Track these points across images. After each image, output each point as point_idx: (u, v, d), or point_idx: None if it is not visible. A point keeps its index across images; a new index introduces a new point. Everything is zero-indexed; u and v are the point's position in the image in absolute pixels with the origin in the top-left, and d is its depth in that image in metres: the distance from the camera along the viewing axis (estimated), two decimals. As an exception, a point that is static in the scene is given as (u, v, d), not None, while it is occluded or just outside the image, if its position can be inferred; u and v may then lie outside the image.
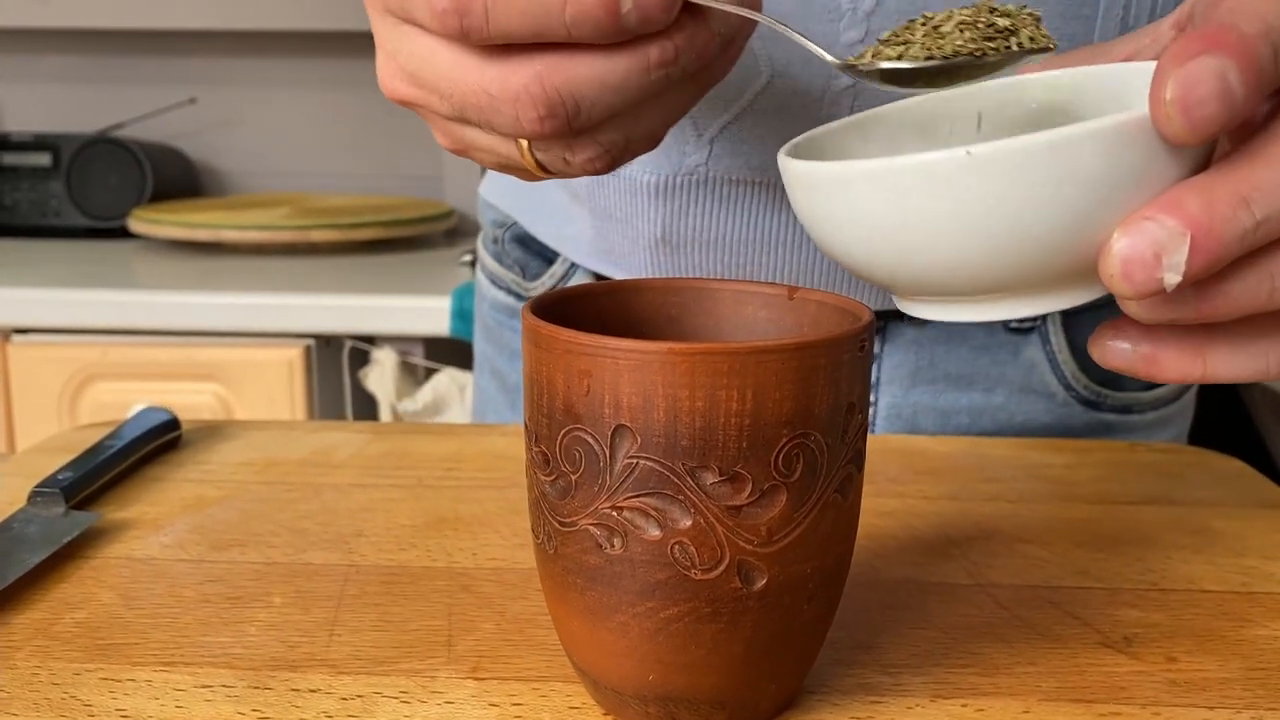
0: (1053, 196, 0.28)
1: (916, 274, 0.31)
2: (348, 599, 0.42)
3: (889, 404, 0.61)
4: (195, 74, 1.69)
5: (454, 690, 0.35)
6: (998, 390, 0.61)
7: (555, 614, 0.34)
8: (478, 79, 0.32)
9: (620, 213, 0.58)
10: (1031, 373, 0.61)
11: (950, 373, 0.61)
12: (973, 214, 0.28)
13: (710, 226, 0.56)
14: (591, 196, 0.59)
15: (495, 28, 0.30)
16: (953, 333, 0.61)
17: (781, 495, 0.30)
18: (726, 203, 0.55)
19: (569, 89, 0.31)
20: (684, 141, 0.54)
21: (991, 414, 0.62)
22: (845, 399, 0.31)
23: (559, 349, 0.31)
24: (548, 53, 0.31)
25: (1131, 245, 0.27)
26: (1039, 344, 0.61)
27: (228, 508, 0.50)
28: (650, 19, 0.30)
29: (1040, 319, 0.61)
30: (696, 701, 0.32)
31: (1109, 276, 0.28)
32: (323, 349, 1.26)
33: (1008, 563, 0.45)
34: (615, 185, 0.57)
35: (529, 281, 0.67)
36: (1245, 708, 0.35)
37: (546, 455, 0.32)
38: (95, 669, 0.36)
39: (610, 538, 0.31)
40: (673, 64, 0.31)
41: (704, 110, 0.52)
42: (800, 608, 0.32)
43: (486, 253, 0.71)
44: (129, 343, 1.24)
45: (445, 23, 0.31)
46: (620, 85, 0.31)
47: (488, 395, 0.72)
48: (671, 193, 0.55)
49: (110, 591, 0.42)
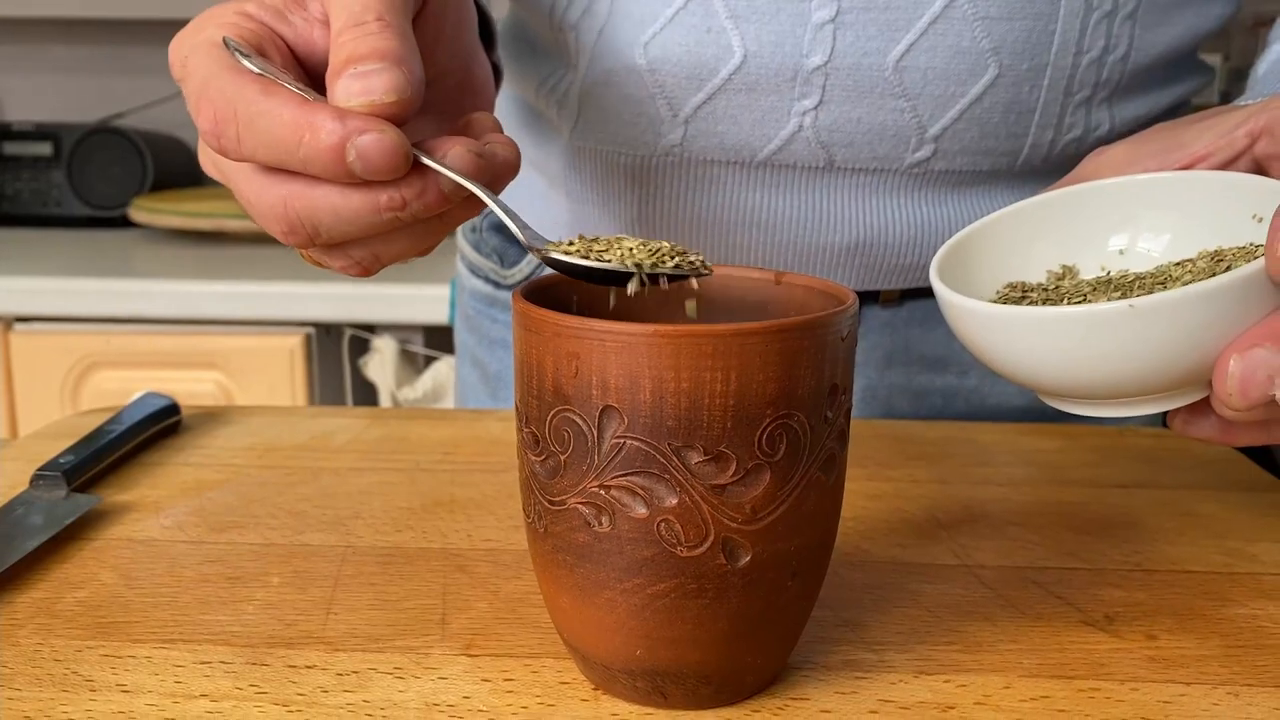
0: (1194, 334, 0.33)
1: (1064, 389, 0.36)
2: (344, 579, 0.42)
3: (864, 386, 0.62)
4: (196, 64, 1.69)
5: (447, 666, 0.36)
6: (971, 372, 0.62)
7: (545, 591, 0.35)
8: (245, 185, 0.36)
9: (596, 195, 0.58)
10: None
11: (924, 355, 0.61)
12: (1126, 352, 0.34)
13: (686, 207, 0.56)
14: (566, 180, 0.59)
15: (245, 151, 0.34)
16: (926, 316, 0.61)
17: (765, 474, 0.31)
18: (702, 183, 0.56)
19: (308, 214, 0.35)
20: (658, 122, 0.54)
21: (965, 396, 0.62)
22: (829, 380, 0.32)
23: (548, 332, 0.31)
24: (296, 180, 0.35)
25: (1247, 368, 0.33)
26: None
27: (227, 491, 0.51)
28: (375, 170, 0.33)
29: None
30: (683, 676, 0.33)
31: (1226, 393, 0.33)
32: (323, 337, 1.27)
33: (995, 544, 0.46)
34: (591, 168, 0.58)
35: (507, 269, 0.67)
36: (1221, 683, 0.36)
37: (536, 436, 0.32)
38: (96, 646, 0.37)
39: (598, 516, 0.31)
40: (401, 209, 0.34)
41: (678, 90, 0.53)
42: (784, 584, 0.32)
43: (465, 242, 0.71)
44: (131, 331, 1.25)
45: (207, 140, 0.35)
46: (353, 219, 0.35)
47: (469, 384, 0.73)
48: (647, 174, 0.56)
49: (111, 572, 0.43)
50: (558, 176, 0.60)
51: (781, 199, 0.55)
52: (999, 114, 0.53)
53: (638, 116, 0.54)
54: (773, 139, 0.53)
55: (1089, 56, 0.52)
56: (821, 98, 0.52)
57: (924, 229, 0.57)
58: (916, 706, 0.34)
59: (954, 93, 0.52)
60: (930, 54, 0.51)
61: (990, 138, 0.54)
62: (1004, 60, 0.51)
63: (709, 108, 0.53)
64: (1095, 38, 0.52)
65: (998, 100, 0.52)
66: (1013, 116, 0.53)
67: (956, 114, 0.52)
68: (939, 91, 0.52)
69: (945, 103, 0.52)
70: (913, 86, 0.51)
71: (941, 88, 0.51)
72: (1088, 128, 0.55)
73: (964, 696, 0.35)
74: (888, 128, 0.53)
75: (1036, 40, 0.51)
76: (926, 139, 0.53)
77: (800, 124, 0.52)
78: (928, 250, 0.57)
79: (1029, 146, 0.54)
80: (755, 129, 0.53)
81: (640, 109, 0.54)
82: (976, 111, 0.52)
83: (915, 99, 0.52)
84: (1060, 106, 0.53)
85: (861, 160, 0.54)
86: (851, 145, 0.53)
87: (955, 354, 0.62)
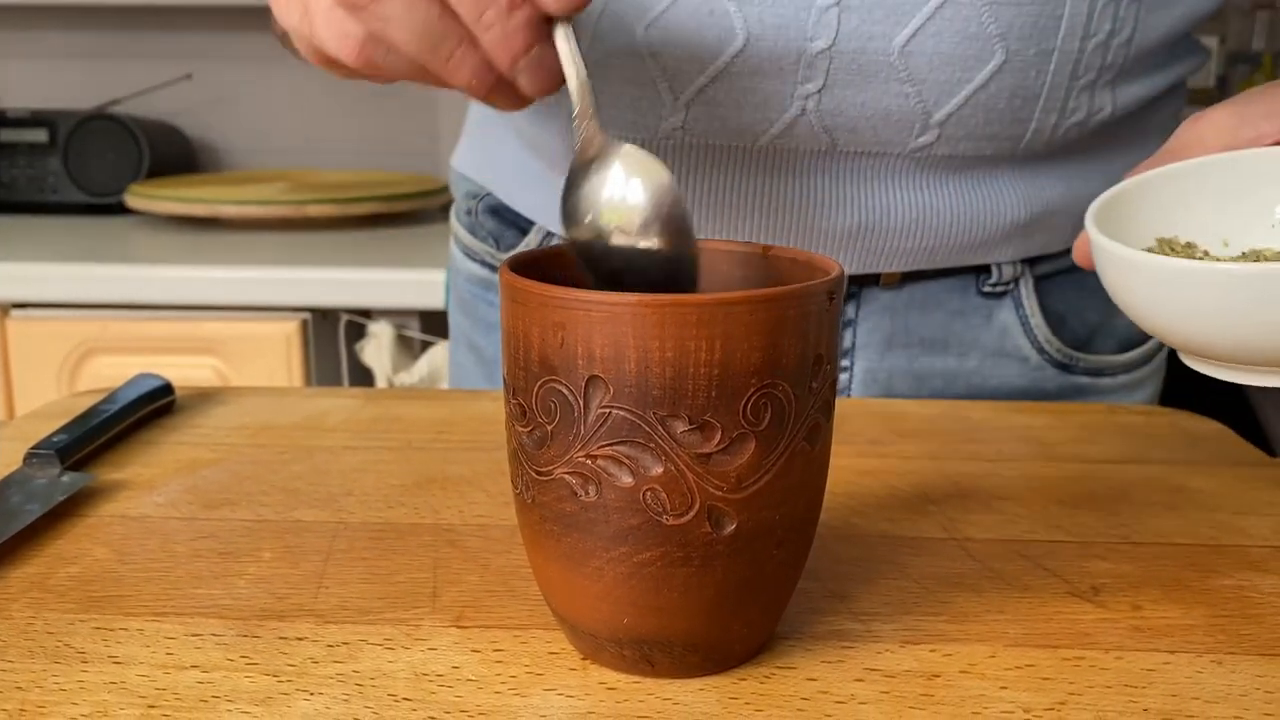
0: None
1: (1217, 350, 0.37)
2: (336, 554, 0.43)
3: (864, 369, 0.62)
4: (191, 50, 1.69)
5: (437, 637, 0.36)
6: (971, 354, 0.62)
7: (534, 562, 0.35)
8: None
9: None
10: (1005, 337, 0.62)
11: (925, 337, 0.62)
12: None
13: (688, 190, 0.56)
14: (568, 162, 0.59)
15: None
16: (927, 298, 0.61)
17: (750, 443, 0.31)
18: (703, 166, 0.56)
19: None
20: (660, 105, 0.54)
21: (966, 378, 0.62)
22: (813, 350, 0.32)
23: (534, 303, 0.31)
24: None
25: None
26: (1012, 308, 0.61)
27: (220, 469, 0.51)
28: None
29: (1012, 282, 0.61)
30: (670, 644, 0.33)
31: None
32: (319, 322, 1.27)
33: (983, 519, 0.46)
34: None
35: (503, 252, 0.67)
36: (1206, 651, 0.36)
37: (523, 407, 0.33)
38: (88, 619, 0.37)
39: (585, 485, 0.32)
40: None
41: (680, 73, 0.53)
42: (769, 553, 0.33)
43: (460, 225, 0.70)
44: (127, 317, 1.25)
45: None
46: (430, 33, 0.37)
47: (464, 369, 0.72)
48: None
49: (104, 547, 0.43)
50: (559, 159, 0.60)
51: (783, 182, 0.55)
52: (1004, 99, 0.53)
53: (639, 99, 0.54)
54: (775, 122, 0.53)
55: (1095, 40, 0.52)
56: (825, 81, 0.52)
57: (925, 212, 0.57)
58: (902, 675, 0.34)
59: (960, 78, 0.51)
60: (937, 38, 0.50)
61: (995, 123, 0.54)
62: (1011, 45, 0.51)
63: (711, 91, 0.53)
64: (1102, 21, 0.52)
65: (1004, 85, 0.52)
66: (1018, 101, 0.53)
67: (962, 99, 0.52)
68: (945, 76, 0.51)
69: (951, 88, 0.52)
70: (918, 71, 0.51)
71: (947, 73, 0.51)
72: (1090, 111, 0.55)
73: (949, 665, 0.35)
74: (892, 112, 0.53)
75: (1044, 25, 0.51)
76: (931, 124, 0.53)
77: (803, 108, 0.52)
78: (928, 233, 0.57)
79: (1032, 131, 0.54)
80: (758, 112, 0.53)
81: (642, 92, 0.54)
82: (982, 97, 0.52)
83: (921, 84, 0.52)
84: (1065, 91, 0.53)
85: (864, 144, 0.54)
86: (855, 129, 0.53)
87: (956, 336, 0.62)
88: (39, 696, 0.33)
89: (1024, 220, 0.58)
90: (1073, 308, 0.63)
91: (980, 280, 0.61)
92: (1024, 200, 0.58)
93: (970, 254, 0.59)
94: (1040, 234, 0.60)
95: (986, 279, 0.61)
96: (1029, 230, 0.59)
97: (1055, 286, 0.63)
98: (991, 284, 0.61)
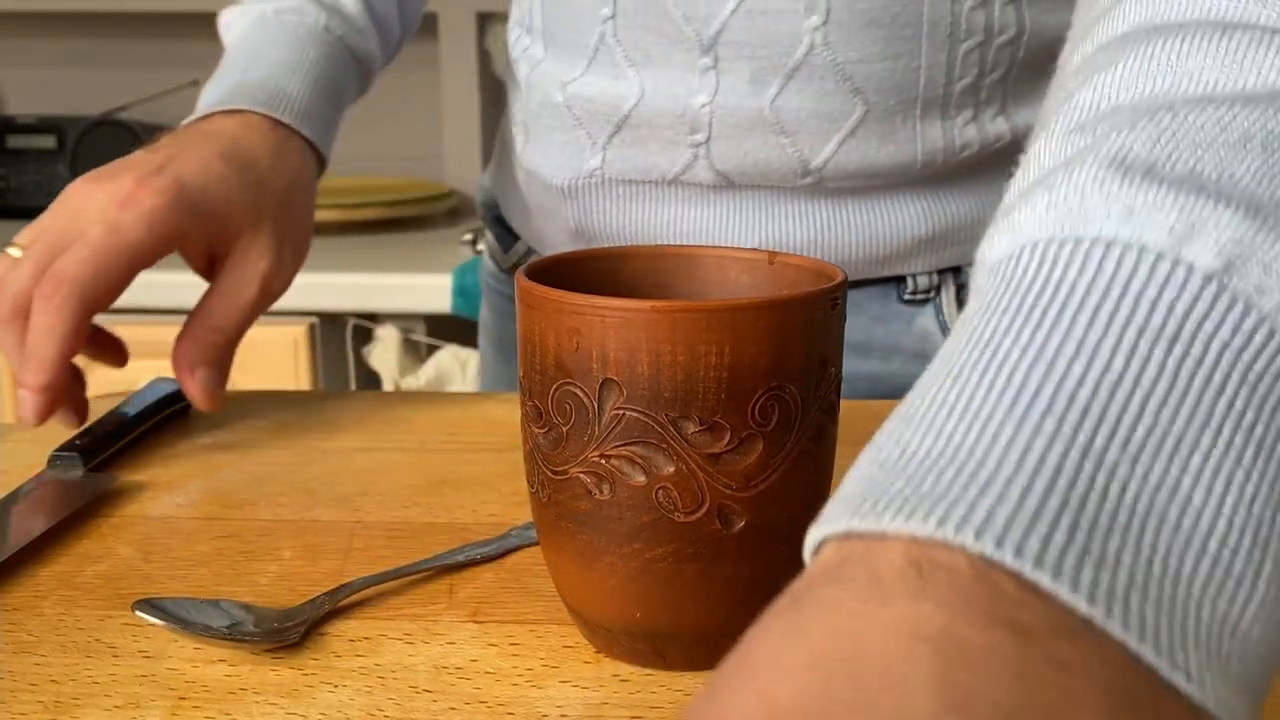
0: None
1: None
2: (354, 552, 0.44)
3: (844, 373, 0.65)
4: (199, 56, 1.69)
5: (455, 632, 0.38)
6: (894, 358, 0.64)
7: (549, 558, 0.36)
8: None
9: (544, 208, 0.66)
10: (926, 341, 0.64)
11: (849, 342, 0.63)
12: None
13: (614, 220, 0.63)
14: (528, 192, 0.67)
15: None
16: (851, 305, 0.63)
17: (758, 443, 0.32)
18: (624, 199, 0.62)
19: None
20: (583, 149, 0.61)
21: (889, 380, 0.64)
22: (818, 354, 0.33)
23: (550, 309, 0.33)
24: None
25: None
26: (933, 314, 0.63)
27: (238, 470, 0.52)
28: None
29: (931, 290, 0.63)
30: (681, 637, 0.34)
31: None
32: (326, 327, 1.28)
33: (983, 517, 0.47)
34: (537, 186, 0.65)
35: (504, 253, 0.74)
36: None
37: (539, 409, 0.34)
38: (117, 615, 0.39)
39: (599, 484, 0.33)
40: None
41: (594, 123, 0.60)
42: (777, 549, 0.34)
43: (487, 231, 0.78)
44: (137, 322, 1.26)
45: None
46: None
47: (489, 361, 0.79)
48: (577, 193, 0.63)
49: (128, 547, 0.44)
50: (522, 190, 0.67)
51: (693, 210, 0.61)
52: (876, 143, 0.57)
53: (566, 144, 0.62)
54: (675, 164, 0.59)
55: (964, 83, 0.56)
56: (710, 133, 0.57)
57: (824, 234, 0.61)
58: (905, 667, 0.36)
59: (828, 129, 0.56)
60: (800, 96, 0.55)
61: (875, 163, 0.57)
62: (870, 98, 0.55)
63: (619, 137, 0.60)
64: (967, 66, 0.55)
65: (872, 132, 0.56)
66: (891, 145, 0.57)
67: (834, 147, 0.57)
68: (814, 128, 0.56)
69: (822, 137, 0.56)
70: (789, 125, 0.56)
71: (816, 124, 0.56)
72: (984, 141, 0.58)
73: (951, 658, 0.36)
74: (773, 160, 0.58)
75: (901, 78, 0.55)
76: (811, 169, 0.57)
77: (695, 154, 0.58)
78: (831, 251, 0.61)
79: (920, 165, 0.58)
80: (659, 156, 0.60)
81: (567, 138, 0.62)
82: (853, 143, 0.56)
83: (794, 135, 0.56)
84: (943, 129, 0.57)
85: (756, 181, 0.59)
86: (744, 172, 0.59)
87: (878, 340, 0.64)
88: (74, 689, 0.34)
89: (928, 236, 0.61)
90: None
91: (900, 289, 0.63)
92: (926, 217, 0.60)
93: (877, 268, 0.62)
94: (952, 247, 0.62)
95: (905, 289, 0.63)
96: (937, 245, 0.61)
97: None
98: (910, 293, 0.63)
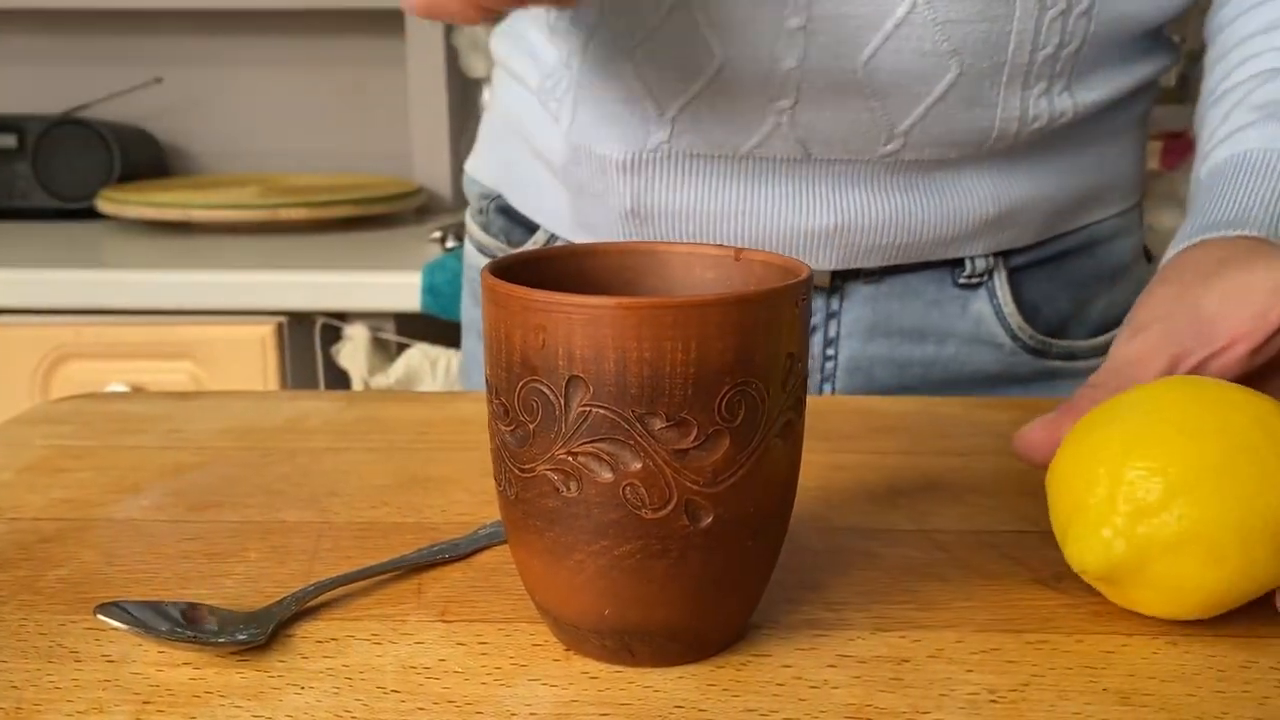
0: None
1: None
2: (322, 552, 0.43)
3: (848, 357, 0.65)
4: (162, 53, 1.68)
5: (423, 632, 0.37)
6: (949, 342, 0.65)
7: (517, 556, 0.36)
8: None
9: (593, 188, 0.62)
10: (980, 325, 0.64)
11: (904, 327, 0.64)
12: None
13: (675, 199, 0.60)
14: (567, 174, 0.63)
15: None
16: (906, 290, 0.64)
17: (725, 439, 0.32)
18: (689, 176, 0.59)
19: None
20: (648, 121, 0.58)
21: (944, 364, 0.65)
22: (785, 349, 0.33)
23: (516, 306, 0.33)
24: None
25: None
26: (986, 298, 0.64)
27: (205, 472, 0.52)
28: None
29: (986, 274, 0.64)
30: (650, 634, 0.34)
31: None
32: (295, 326, 1.27)
33: (952, 510, 0.48)
34: (588, 163, 0.61)
35: (512, 247, 0.71)
36: (1160, 634, 0.38)
37: (506, 407, 0.34)
38: (79, 620, 0.38)
39: (566, 481, 0.33)
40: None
41: (665, 92, 0.57)
42: (745, 544, 0.34)
43: (474, 224, 0.75)
44: (101, 323, 1.25)
45: None
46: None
47: (474, 358, 0.77)
48: (639, 168, 0.59)
49: (92, 550, 0.44)
50: (559, 171, 0.64)
51: (764, 188, 0.59)
52: (962, 109, 0.56)
53: (628, 116, 0.58)
54: (753, 135, 0.57)
55: (1045, 52, 0.56)
56: (796, 98, 0.55)
57: (897, 212, 0.60)
58: (873, 660, 0.36)
59: (920, 91, 0.55)
60: (896, 56, 0.54)
61: (956, 131, 0.57)
62: (965, 60, 0.55)
63: (693, 107, 0.57)
64: (1050, 34, 0.55)
65: (961, 97, 0.56)
66: (977, 110, 0.56)
67: (923, 111, 0.56)
68: (905, 91, 0.55)
69: (912, 101, 0.55)
70: (880, 87, 0.55)
71: (907, 87, 0.55)
72: (1052, 115, 0.58)
73: (918, 651, 0.36)
74: (859, 124, 0.56)
75: (995, 40, 0.54)
76: (896, 134, 0.56)
77: (778, 122, 0.56)
78: (901, 231, 0.61)
79: (995, 136, 0.58)
80: (736, 126, 0.57)
81: (630, 109, 0.58)
82: (941, 108, 0.56)
83: (884, 98, 0.55)
84: (1021, 99, 0.57)
85: (836, 152, 0.58)
86: (826, 141, 0.57)
87: (933, 325, 0.65)
88: (35, 695, 0.34)
89: (993, 216, 0.61)
90: (1045, 297, 0.66)
91: (955, 273, 0.64)
92: (992, 198, 0.61)
93: (943, 249, 0.62)
94: (1010, 229, 0.63)
95: (961, 272, 0.64)
96: (999, 225, 0.62)
97: (1028, 277, 0.65)
98: (966, 276, 0.64)
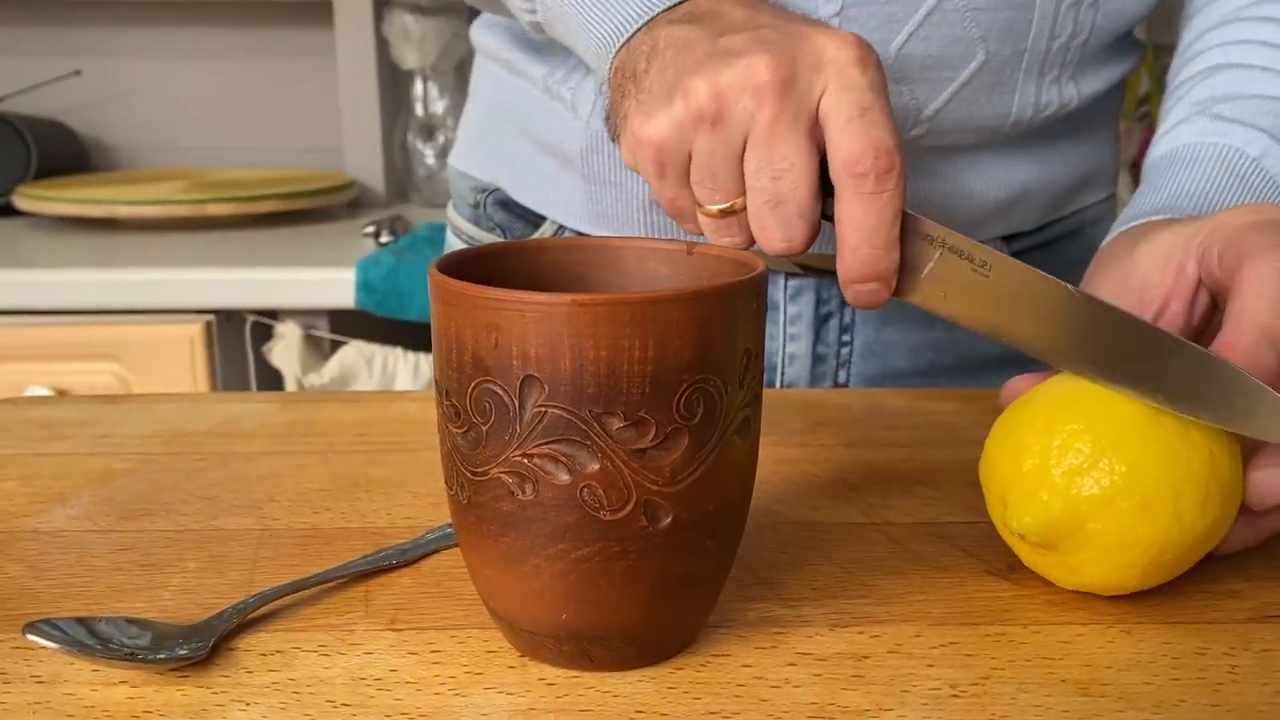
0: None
1: None
2: (263, 561, 0.42)
3: (863, 342, 0.66)
4: (81, 44, 1.63)
5: (372, 642, 0.36)
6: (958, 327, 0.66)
7: (470, 562, 0.35)
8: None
9: (614, 176, 0.62)
10: None
11: (916, 313, 0.66)
12: None
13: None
14: (585, 162, 0.63)
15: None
16: None
17: (684, 438, 0.32)
18: None
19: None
20: None
21: (955, 347, 0.67)
22: (742, 345, 0.33)
23: (466, 304, 0.32)
24: None
25: None
26: None
27: (135, 479, 0.50)
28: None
29: None
30: (608, 637, 0.33)
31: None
32: (224, 324, 1.24)
33: (901, 502, 0.48)
34: (611, 150, 0.61)
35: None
36: (1115, 622, 0.38)
37: (457, 408, 0.33)
38: (6, 639, 0.36)
39: (522, 484, 0.32)
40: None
41: None
42: (704, 544, 0.33)
43: (462, 218, 0.73)
44: (21, 323, 1.20)
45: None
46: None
47: None
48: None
49: (17, 564, 0.42)
50: (574, 159, 0.63)
51: None
52: (984, 94, 0.58)
53: None
54: None
55: (1059, 41, 0.58)
56: None
57: (914, 196, 0.62)
58: (833, 658, 0.36)
59: (946, 77, 0.57)
60: (926, 42, 0.56)
61: (977, 116, 0.59)
62: (990, 46, 0.57)
63: None
64: (1064, 24, 0.58)
65: (984, 82, 0.58)
66: (996, 96, 0.59)
67: (949, 95, 0.57)
68: (933, 76, 0.57)
69: (939, 86, 0.57)
70: (910, 72, 0.57)
71: (935, 73, 0.57)
72: (1061, 102, 0.61)
73: (877, 646, 0.36)
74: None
75: (1017, 27, 0.57)
76: (922, 119, 0.58)
77: None
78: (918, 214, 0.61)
79: (1011, 122, 0.60)
80: None
81: None
82: (965, 93, 0.58)
83: (913, 83, 0.57)
84: (1036, 85, 0.59)
85: None
86: None
87: None
88: (-40, 720, 0.32)
89: (1004, 201, 0.64)
90: None
91: None
92: (1003, 183, 0.63)
93: None
94: (1017, 213, 0.65)
95: None
96: (1008, 210, 0.65)
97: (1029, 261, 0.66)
98: None
